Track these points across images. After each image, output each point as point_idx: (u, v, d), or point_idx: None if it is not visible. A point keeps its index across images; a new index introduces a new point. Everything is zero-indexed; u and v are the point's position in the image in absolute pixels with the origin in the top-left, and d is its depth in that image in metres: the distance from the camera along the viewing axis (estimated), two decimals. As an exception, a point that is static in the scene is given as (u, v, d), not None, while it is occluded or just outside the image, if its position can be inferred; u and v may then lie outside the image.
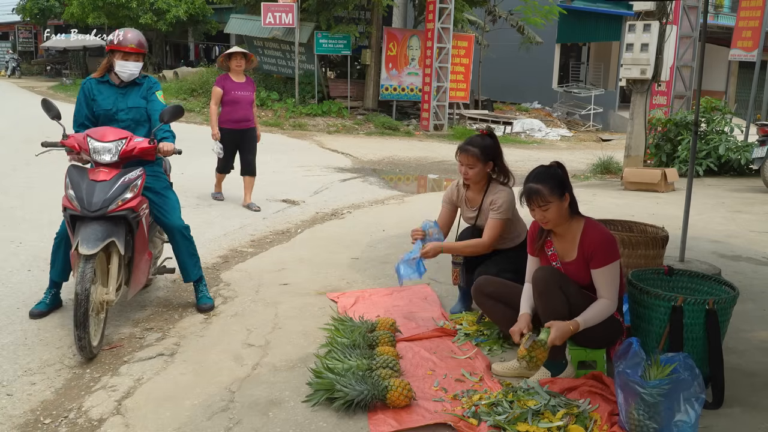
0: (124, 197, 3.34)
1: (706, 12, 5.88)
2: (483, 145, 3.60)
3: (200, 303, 3.97)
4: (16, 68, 32.37)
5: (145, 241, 3.61)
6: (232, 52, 6.76)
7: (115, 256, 3.37)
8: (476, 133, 3.74)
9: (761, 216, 7.30)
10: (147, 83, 3.90)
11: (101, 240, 3.21)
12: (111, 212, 3.29)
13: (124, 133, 3.50)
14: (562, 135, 18.22)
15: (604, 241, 2.92)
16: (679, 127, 10.46)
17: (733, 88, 24.04)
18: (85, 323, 3.09)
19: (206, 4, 25.03)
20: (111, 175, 3.37)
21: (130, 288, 3.56)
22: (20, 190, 7.24)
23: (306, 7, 16.85)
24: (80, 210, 3.27)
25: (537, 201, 2.89)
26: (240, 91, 6.75)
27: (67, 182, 3.39)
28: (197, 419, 2.71)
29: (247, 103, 6.81)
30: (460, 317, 3.80)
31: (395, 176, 10.46)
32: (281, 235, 6.00)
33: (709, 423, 2.66)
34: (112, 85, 3.82)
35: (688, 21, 11.83)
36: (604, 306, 2.89)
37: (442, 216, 3.84)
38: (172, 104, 3.70)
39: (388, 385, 2.75)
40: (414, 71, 17.42)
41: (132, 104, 3.81)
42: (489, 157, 3.61)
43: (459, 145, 3.68)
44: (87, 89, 3.81)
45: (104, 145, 3.40)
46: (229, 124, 6.77)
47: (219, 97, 6.73)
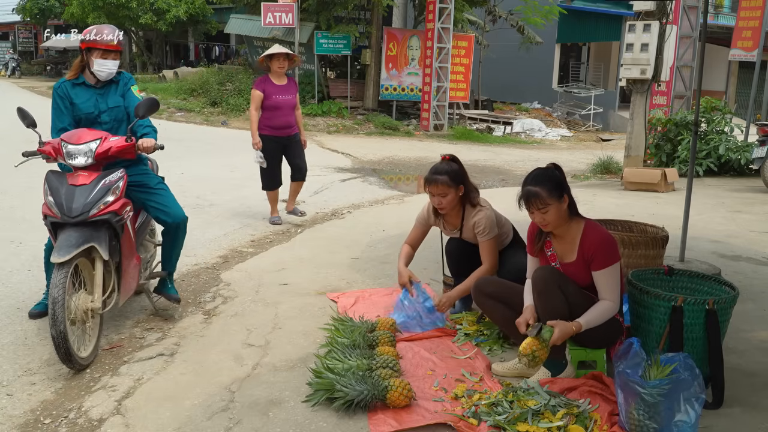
0: (106, 200, 3.21)
1: (706, 12, 5.88)
2: (450, 171, 3.58)
3: (172, 293, 3.90)
4: (16, 68, 32.37)
5: (132, 245, 3.50)
6: (274, 53, 6.09)
7: (98, 263, 3.23)
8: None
9: (761, 216, 7.30)
10: (122, 80, 3.70)
11: (75, 246, 3.06)
12: (93, 217, 3.15)
13: (98, 133, 3.36)
14: (562, 135, 18.22)
15: (604, 244, 2.91)
16: (679, 127, 10.46)
17: (733, 88, 24.03)
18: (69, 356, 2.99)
19: (206, 4, 25.03)
20: (91, 178, 3.24)
21: (120, 294, 3.43)
22: (20, 190, 7.24)
23: (306, 7, 16.85)
24: (60, 216, 3.13)
25: (536, 204, 2.88)
26: (282, 95, 6.10)
27: (46, 188, 3.24)
28: (197, 419, 2.71)
29: (290, 107, 6.17)
30: (460, 317, 3.80)
31: (395, 176, 10.46)
32: (281, 235, 6.00)
33: (709, 423, 2.66)
34: (88, 86, 3.62)
35: (688, 21, 11.82)
36: (606, 307, 2.90)
37: (414, 236, 3.86)
38: (146, 97, 3.51)
39: (388, 385, 2.75)
40: (414, 71, 17.41)
41: (112, 104, 3.65)
42: (458, 182, 3.59)
43: (425, 177, 3.65)
44: (62, 93, 3.58)
45: (78, 148, 3.26)
46: (269, 130, 6.12)
47: (259, 102, 6.07)
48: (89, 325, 3.23)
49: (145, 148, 3.45)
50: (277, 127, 6.13)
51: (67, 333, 2.96)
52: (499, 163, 12.44)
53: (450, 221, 3.77)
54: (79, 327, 3.17)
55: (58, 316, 2.93)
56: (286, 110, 6.16)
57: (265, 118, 6.14)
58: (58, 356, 3.00)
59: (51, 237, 3.28)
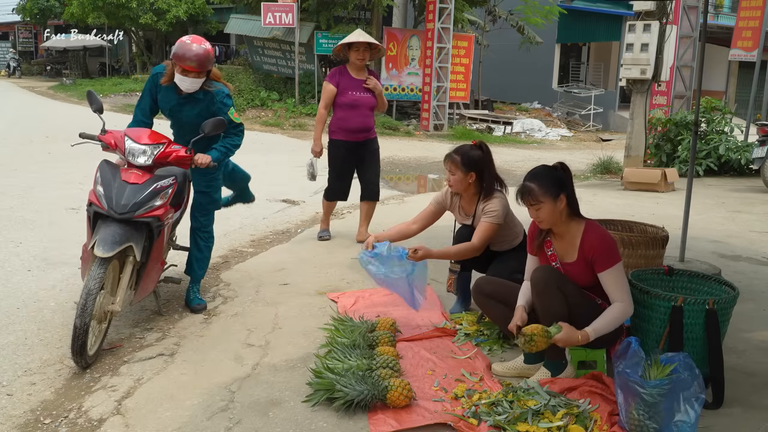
0: (154, 204, 3.27)
1: (706, 12, 5.88)
2: (466, 155, 3.59)
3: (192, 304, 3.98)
4: (16, 68, 32.34)
5: (161, 250, 3.57)
6: (353, 42, 5.05)
7: (128, 264, 3.27)
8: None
9: (761, 216, 7.30)
10: (209, 97, 3.69)
11: (119, 243, 3.12)
12: (137, 217, 3.21)
13: (162, 137, 3.43)
14: (562, 135, 18.22)
15: (604, 244, 2.91)
16: (679, 127, 10.46)
17: (733, 88, 24.04)
18: (82, 350, 3.02)
19: (206, 4, 25.02)
20: (143, 179, 3.29)
21: (136, 294, 3.47)
22: (20, 190, 7.25)
23: (306, 7, 16.86)
24: (106, 209, 3.18)
25: (528, 199, 2.91)
26: (360, 92, 5.11)
27: (98, 178, 3.28)
28: (197, 419, 2.71)
29: (369, 107, 5.18)
30: (460, 317, 3.81)
31: (395, 176, 10.46)
32: (281, 235, 6.00)
33: (709, 423, 2.66)
34: (175, 91, 3.68)
35: (688, 21, 11.82)
36: (618, 310, 2.84)
37: (425, 213, 3.81)
38: (217, 117, 3.58)
39: (388, 385, 2.75)
40: (414, 71, 17.42)
41: (186, 118, 3.75)
42: (470, 168, 3.59)
43: (447, 153, 3.70)
44: (152, 84, 3.74)
45: (140, 147, 3.33)
46: (341, 134, 5.15)
47: (331, 99, 5.11)
48: (102, 326, 3.26)
49: (200, 163, 3.55)
50: (351, 131, 5.14)
51: (89, 327, 3.01)
52: (499, 163, 12.32)
53: (465, 207, 3.77)
54: (96, 326, 3.19)
55: (87, 308, 2.98)
56: (365, 110, 5.16)
57: (337, 119, 5.17)
58: (72, 348, 3.01)
59: (88, 224, 3.31)
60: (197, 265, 4.04)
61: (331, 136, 5.22)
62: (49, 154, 10.17)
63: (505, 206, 3.64)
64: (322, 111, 5.16)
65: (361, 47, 5.04)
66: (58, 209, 6.38)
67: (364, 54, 5.07)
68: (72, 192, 7.08)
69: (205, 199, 4.02)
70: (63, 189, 7.38)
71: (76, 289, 4.05)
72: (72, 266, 4.54)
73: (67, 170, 8.50)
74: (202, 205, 4.03)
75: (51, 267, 4.64)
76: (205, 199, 4.02)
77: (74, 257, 4.54)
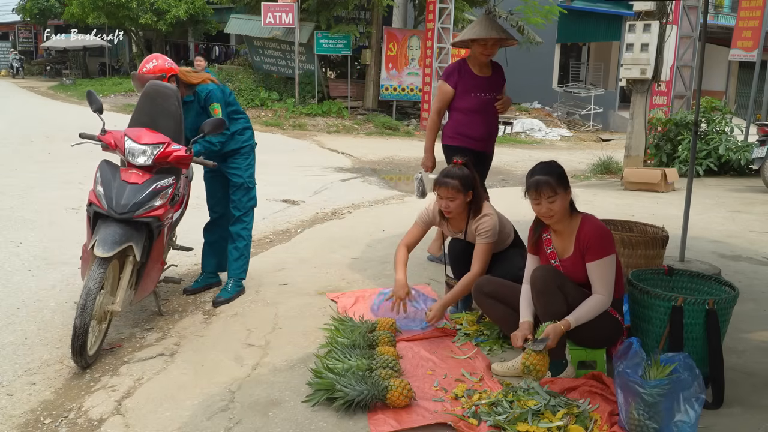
0: (154, 204, 3.28)
1: (706, 12, 5.88)
2: (462, 176, 3.53)
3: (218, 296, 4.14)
4: (19, 68, 32.32)
5: (161, 250, 3.58)
6: (478, 38, 4.20)
7: (128, 264, 3.29)
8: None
9: (761, 216, 7.30)
10: (196, 100, 3.92)
11: (119, 243, 3.13)
12: (137, 217, 3.22)
13: (162, 137, 3.43)
14: (562, 135, 18.23)
15: (598, 234, 2.92)
16: (679, 127, 10.46)
17: (733, 88, 24.03)
18: (82, 350, 3.04)
19: (206, 4, 25.03)
20: (144, 178, 3.30)
21: (136, 294, 3.48)
22: (20, 190, 7.25)
23: (306, 7, 16.87)
24: (106, 209, 3.19)
25: (546, 192, 2.88)
26: (485, 92, 4.28)
27: (98, 177, 3.30)
28: (197, 419, 2.71)
29: (495, 111, 4.38)
30: (460, 317, 3.80)
31: (395, 176, 10.46)
32: (281, 235, 6.00)
33: (709, 423, 2.66)
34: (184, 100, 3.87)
35: (688, 21, 11.83)
36: (597, 301, 2.88)
37: (412, 236, 3.74)
38: (215, 117, 3.75)
39: (388, 385, 2.75)
40: (414, 71, 17.43)
41: (190, 125, 3.88)
42: (468, 187, 3.55)
43: (436, 180, 3.59)
44: None
45: (140, 147, 3.33)
46: (461, 140, 4.32)
47: (447, 102, 4.30)
48: (102, 326, 3.26)
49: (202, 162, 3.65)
50: (474, 138, 4.33)
51: (89, 327, 3.01)
52: (499, 163, 12.41)
53: (455, 224, 3.74)
54: (96, 326, 3.19)
55: (87, 308, 3.00)
56: (491, 114, 4.35)
57: (456, 123, 4.35)
58: (72, 348, 3.02)
59: (88, 224, 3.32)
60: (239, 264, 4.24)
61: (447, 142, 4.42)
62: (49, 154, 10.17)
63: (495, 224, 3.57)
64: (435, 117, 4.38)
65: (489, 43, 4.22)
66: (58, 209, 6.39)
67: (492, 49, 4.24)
68: (72, 192, 7.09)
69: (244, 197, 4.14)
70: (63, 189, 7.39)
71: (76, 289, 4.05)
72: (72, 266, 4.54)
73: (67, 170, 8.50)
74: (242, 202, 4.14)
75: (51, 267, 4.65)
76: (245, 197, 4.14)
77: (74, 257, 4.54)
